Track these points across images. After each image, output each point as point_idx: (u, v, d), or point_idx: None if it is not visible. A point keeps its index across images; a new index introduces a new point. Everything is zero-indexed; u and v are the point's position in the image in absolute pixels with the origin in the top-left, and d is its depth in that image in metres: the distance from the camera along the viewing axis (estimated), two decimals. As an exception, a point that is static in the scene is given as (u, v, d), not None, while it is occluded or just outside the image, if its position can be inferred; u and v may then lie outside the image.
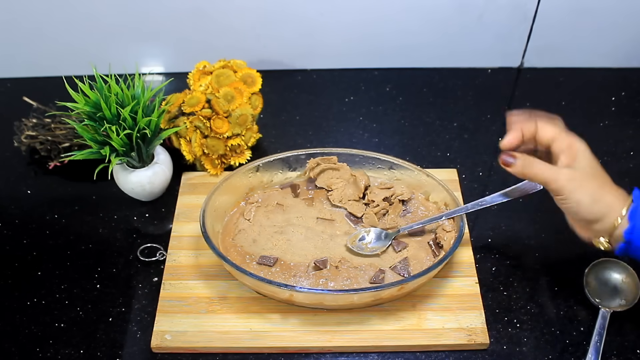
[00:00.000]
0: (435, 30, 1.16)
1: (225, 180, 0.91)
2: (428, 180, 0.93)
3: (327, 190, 0.95)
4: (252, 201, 0.94)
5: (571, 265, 0.90)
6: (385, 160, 0.95)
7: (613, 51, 1.19)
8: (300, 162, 0.97)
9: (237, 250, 0.88)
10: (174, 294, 0.86)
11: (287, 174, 0.97)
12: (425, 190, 0.94)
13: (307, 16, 1.13)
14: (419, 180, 0.94)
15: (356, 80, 1.21)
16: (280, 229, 0.91)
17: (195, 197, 0.98)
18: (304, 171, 0.97)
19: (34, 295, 0.88)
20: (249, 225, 0.91)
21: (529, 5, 1.12)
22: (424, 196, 0.94)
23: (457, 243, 0.83)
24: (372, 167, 0.96)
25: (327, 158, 0.96)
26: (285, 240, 0.89)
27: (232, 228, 0.91)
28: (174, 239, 0.93)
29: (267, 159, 0.95)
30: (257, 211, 0.93)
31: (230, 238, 0.90)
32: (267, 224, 0.92)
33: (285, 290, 0.79)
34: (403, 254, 0.87)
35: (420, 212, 0.92)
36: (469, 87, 1.19)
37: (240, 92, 0.99)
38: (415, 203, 0.93)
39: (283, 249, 0.88)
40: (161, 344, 0.81)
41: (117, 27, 1.14)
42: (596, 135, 1.08)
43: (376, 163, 0.95)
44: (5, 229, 0.96)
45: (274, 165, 0.96)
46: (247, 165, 0.94)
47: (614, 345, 0.81)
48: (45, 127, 1.05)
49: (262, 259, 0.86)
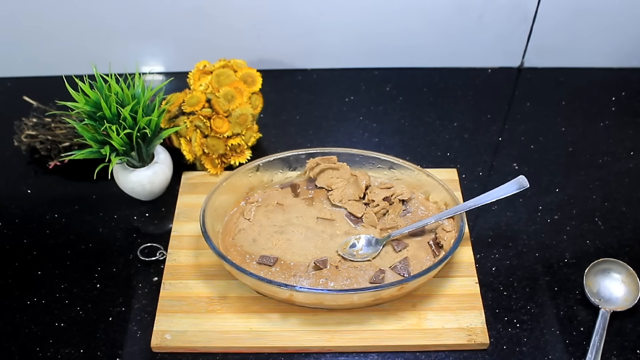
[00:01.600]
0: (435, 30, 1.16)
1: (225, 180, 0.91)
2: (428, 180, 0.93)
3: (327, 190, 0.95)
4: (252, 201, 0.94)
5: (571, 265, 0.90)
6: (385, 160, 0.95)
7: (613, 51, 1.19)
8: (300, 161, 0.97)
9: (237, 250, 0.88)
10: (174, 294, 0.86)
11: (287, 174, 0.97)
12: (425, 190, 0.94)
13: (307, 16, 1.13)
14: (419, 180, 0.94)
15: (356, 80, 1.21)
16: (280, 229, 0.91)
17: (196, 197, 0.98)
18: (303, 171, 0.97)
19: (34, 295, 0.88)
20: (249, 224, 0.91)
21: (529, 5, 1.12)
22: (424, 196, 0.94)
23: (457, 243, 0.83)
24: (372, 166, 0.96)
25: (326, 158, 0.96)
26: (285, 240, 0.89)
27: (232, 228, 0.91)
28: (174, 239, 0.93)
29: (267, 159, 0.95)
30: (257, 211, 0.93)
31: (230, 238, 0.90)
32: (267, 223, 0.92)
33: (285, 290, 0.79)
34: (403, 253, 0.87)
35: (421, 212, 0.92)
36: (469, 87, 1.19)
37: (240, 91, 0.99)
38: (415, 203, 0.93)
39: (283, 249, 0.88)
40: (161, 344, 0.81)
41: (118, 27, 1.14)
42: (596, 135, 1.08)
43: (376, 163, 0.95)
44: (5, 228, 0.96)
45: (274, 165, 0.96)
46: (247, 165, 0.94)
47: (614, 345, 0.81)
48: (46, 127, 1.05)
49: (262, 259, 0.86)
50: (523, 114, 1.13)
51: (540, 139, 1.08)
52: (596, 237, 0.93)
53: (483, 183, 1.02)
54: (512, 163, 1.04)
